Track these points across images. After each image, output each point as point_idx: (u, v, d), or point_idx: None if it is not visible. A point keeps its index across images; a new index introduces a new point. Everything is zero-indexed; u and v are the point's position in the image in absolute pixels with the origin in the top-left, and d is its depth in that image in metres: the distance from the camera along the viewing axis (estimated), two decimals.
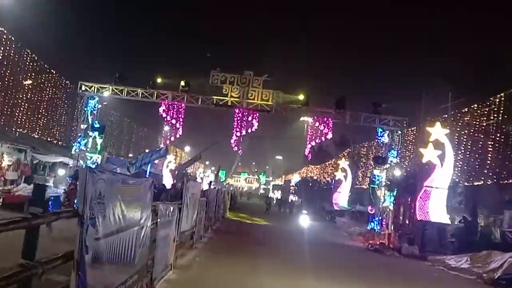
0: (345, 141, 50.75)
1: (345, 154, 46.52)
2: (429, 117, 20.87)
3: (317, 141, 22.90)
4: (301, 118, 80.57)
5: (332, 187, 44.16)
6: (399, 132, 22.77)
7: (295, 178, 71.91)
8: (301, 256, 15.51)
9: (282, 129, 76.94)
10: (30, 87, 27.62)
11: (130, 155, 45.13)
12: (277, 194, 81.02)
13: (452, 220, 19.95)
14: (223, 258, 12.60)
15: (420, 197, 19.48)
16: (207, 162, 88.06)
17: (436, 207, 19.34)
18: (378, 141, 23.20)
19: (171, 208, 9.10)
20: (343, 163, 37.41)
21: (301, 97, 22.37)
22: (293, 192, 61.89)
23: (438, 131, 19.62)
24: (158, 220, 7.70)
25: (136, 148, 49.59)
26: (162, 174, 38.63)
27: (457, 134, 20.34)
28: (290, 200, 58.78)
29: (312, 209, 45.67)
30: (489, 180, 21.88)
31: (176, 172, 38.00)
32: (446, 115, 21.43)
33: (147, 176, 37.06)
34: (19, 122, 25.02)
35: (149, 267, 7.16)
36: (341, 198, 36.29)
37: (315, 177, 59.01)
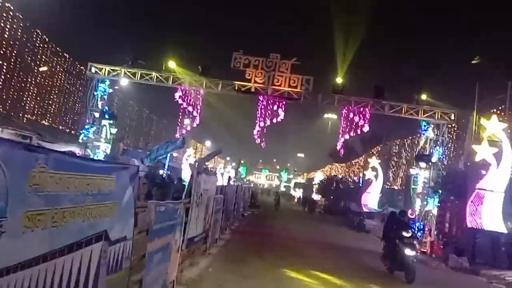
0: (374, 137, 47.77)
1: (374, 152, 43.65)
2: (483, 109, 18.09)
3: (351, 134, 20.36)
4: (325, 115, 77.62)
5: (360, 186, 41.48)
6: (446, 126, 20.01)
7: (318, 176, 69.15)
8: (332, 264, 13.15)
9: (305, 124, 74.78)
10: (43, 74, 26.02)
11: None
12: (299, 192, 78.59)
13: (506, 228, 17.16)
14: (241, 269, 10.32)
15: (472, 201, 16.79)
16: (227, 158, 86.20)
17: (490, 213, 16.64)
18: (421, 135, 20.51)
19: (176, 209, 6.87)
20: (374, 161, 34.66)
21: (338, 80, 19.64)
22: (317, 191, 59.25)
23: (494, 126, 16.87)
24: (153, 226, 5.47)
25: (156, 141, 47.88)
26: (181, 168, 36.89)
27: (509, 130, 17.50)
28: (311, 199, 56.32)
29: (337, 210, 43.33)
30: None
31: (196, 166, 35.80)
32: (501, 107, 18.56)
33: (165, 169, 35.50)
34: (27, 108, 23.32)
35: None
36: (371, 199, 33.60)
37: (340, 176, 56.23)
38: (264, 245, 15.09)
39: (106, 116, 20.63)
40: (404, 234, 12.13)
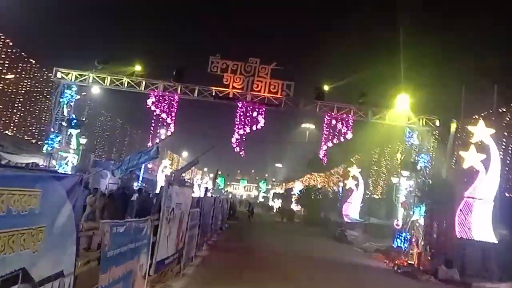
0: (354, 146, 47.25)
1: (354, 161, 43.04)
2: (469, 114, 17.52)
3: (334, 141, 19.48)
4: (303, 125, 76.96)
5: (340, 196, 40.78)
6: (430, 132, 19.32)
7: (297, 186, 68.29)
8: (320, 286, 12.12)
9: (283, 134, 74.02)
10: (8, 81, 24.37)
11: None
12: (277, 203, 77.61)
13: (497, 237, 16.50)
14: None
15: (460, 210, 16.12)
16: (205, 169, 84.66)
17: (479, 223, 15.98)
18: (407, 143, 19.82)
19: (140, 228, 5.71)
20: (355, 170, 33.96)
21: (324, 87, 18.63)
22: (296, 201, 58.33)
23: (481, 131, 16.29)
24: (107, 253, 4.32)
25: (129, 152, 46.18)
26: (156, 180, 35.39)
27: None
28: (290, 209, 55.39)
29: (317, 220, 42.45)
30: None
31: (173, 178, 34.70)
32: (486, 112, 18.02)
33: (139, 182, 33.94)
34: None
35: None
36: (352, 209, 32.82)
37: (319, 186, 55.48)
38: (244, 263, 13.92)
39: (73, 125, 19.17)
40: None
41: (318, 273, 14.51)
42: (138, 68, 19.11)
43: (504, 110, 20.02)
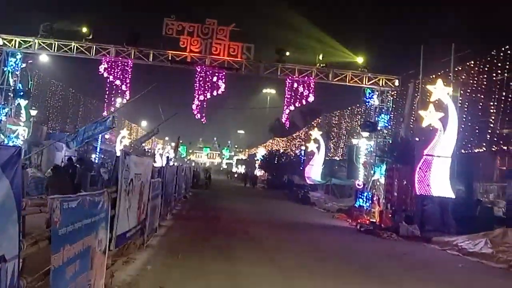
0: (313, 110, 47.58)
1: (315, 124, 43.45)
2: (428, 74, 17.69)
3: (297, 104, 19.27)
4: (264, 90, 76.46)
5: (302, 159, 41.29)
6: (389, 93, 19.46)
7: (260, 151, 68.62)
8: (287, 246, 12.20)
9: (243, 100, 73.47)
10: None
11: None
12: (241, 169, 77.97)
13: (454, 193, 17.11)
14: (186, 263, 8.93)
15: (420, 168, 16.48)
16: (166, 138, 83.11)
17: (438, 179, 16.44)
18: (367, 104, 19.89)
19: (96, 201, 5.29)
20: (316, 133, 34.26)
21: (284, 51, 18.20)
22: (259, 166, 58.71)
23: (440, 90, 16.52)
24: (59, 231, 3.90)
25: (85, 123, 44.34)
26: (115, 151, 34.36)
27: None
28: (253, 174, 55.83)
29: (280, 184, 42.98)
30: (494, 146, 19.22)
31: (131, 149, 33.93)
32: (443, 71, 18.27)
33: (97, 153, 32.81)
34: None
35: None
36: (314, 171, 33.30)
37: (281, 150, 55.94)
38: (210, 230, 13.78)
39: (20, 95, 17.89)
40: None
41: (284, 234, 14.63)
42: (85, 30, 17.83)
43: (460, 68, 20.44)
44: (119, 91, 18.37)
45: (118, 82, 18.05)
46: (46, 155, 22.80)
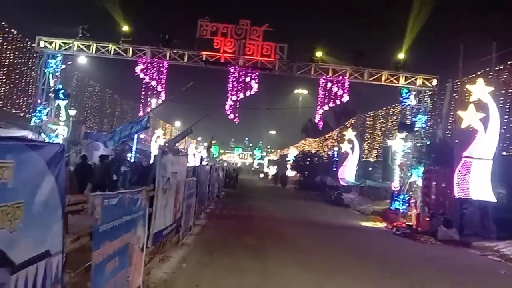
0: (346, 110, 47.02)
1: (348, 125, 42.86)
2: (467, 73, 17.06)
3: (330, 105, 19.05)
4: (295, 91, 75.83)
5: (335, 160, 40.76)
6: (427, 92, 18.87)
7: (291, 152, 68.31)
8: (320, 247, 12.06)
9: (276, 100, 73.32)
10: None
11: None
12: (272, 169, 77.89)
13: (496, 196, 16.42)
14: (220, 260, 8.97)
15: (459, 170, 15.92)
16: (199, 138, 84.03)
17: (478, 182, 15.83)
18: (403, 104, 19.39)
19: (135, 199, 5.37)
20: (350, 133, 33.74)
21: (318, 53, 18.05)
22: (291, 167, 58.45)
23: (480, 90, 15.91)
24: (100, 228, 3.98)
25: (121, 122, 45.47)
26: (150, 150, 35.07)
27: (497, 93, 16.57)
28: (283, 174, 55.63)
29: (312, 185, 42.60)
30: None
31: (166, 148, 34.37)
32: (483, 71, 17.56)
33: (133, 152, 33.58)
34: None
35: None
36: (348, 172, 32.78)
37: (313, 151, 55.48)
38: (243, 230, 13.81)
39: (60, 96, 18.52)
40: None
41: (317, 235, 14.49)
42: (125, 28, 18.22)
43: (502, 67, 19.63)
44: (155, 92, 18.73)
45: (154, 83, 18.38)
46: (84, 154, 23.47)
